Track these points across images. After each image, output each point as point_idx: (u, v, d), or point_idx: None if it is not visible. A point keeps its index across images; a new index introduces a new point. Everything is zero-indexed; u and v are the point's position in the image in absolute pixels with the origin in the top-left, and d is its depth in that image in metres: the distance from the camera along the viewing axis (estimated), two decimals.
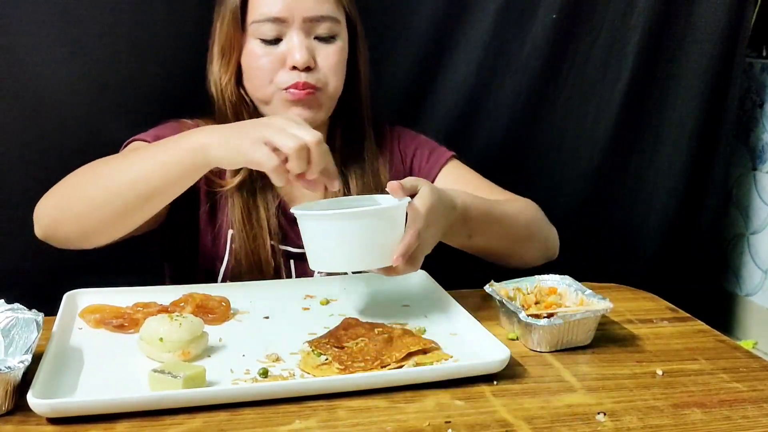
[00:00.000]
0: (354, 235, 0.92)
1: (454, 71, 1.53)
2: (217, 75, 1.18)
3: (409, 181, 0.98)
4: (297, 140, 0.90)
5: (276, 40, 1.14)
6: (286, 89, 1.14)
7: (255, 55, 1.15)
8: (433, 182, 1.21)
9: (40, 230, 1.07)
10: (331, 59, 1.16)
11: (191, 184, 1.01)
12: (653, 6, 1.54)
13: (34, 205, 1.31)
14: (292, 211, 0.98)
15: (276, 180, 0.92)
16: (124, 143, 1.17)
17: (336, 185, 0.97)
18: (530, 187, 1.61)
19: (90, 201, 1.02)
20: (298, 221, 0.97)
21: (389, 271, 0.96)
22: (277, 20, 1.13)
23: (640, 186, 1.68)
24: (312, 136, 0.91)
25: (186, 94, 1.28)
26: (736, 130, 1.81)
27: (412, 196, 0.97)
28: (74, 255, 1.35)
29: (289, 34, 1.13)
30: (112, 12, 1.26)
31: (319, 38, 1.15)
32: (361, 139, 1.25)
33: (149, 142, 1.14)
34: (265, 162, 0.91)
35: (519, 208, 1.22)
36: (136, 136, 1.17)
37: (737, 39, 1.62)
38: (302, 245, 1.16)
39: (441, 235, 1.03)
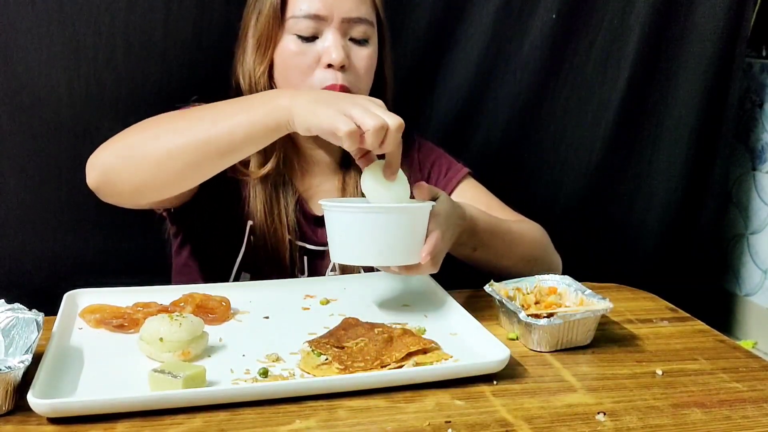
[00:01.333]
0: (381, 229, 0.94)
1: (453, 70, 1.53)
2: (251, 67, 1.17)
3: (429, 187, 1.02)
4: (379, 119, 0.91)
5: (312, 38, 1.13)
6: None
7: (290, 51, 1.14)
8: None
9: (94, 179, 1.04)
10: (363, 62, 1.16)
11: (268, 144, 1.01)
12: (652, 6, 1.54)
13: (31, 205, 1.32)
14: (320, 202, 0.99)
15: (347, 144, 0.91)
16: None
17: (394, 178, 0.97)
18: (529, 186, 1.62)
19: (164, 151, 0.99)
20: (324, 213, 0.98)
21: (410, 269, 0.97)
22: (316, 18, 1.12)
23: (640, 186, 1.68)
24: (394, 120, 0.92)
25: (182, 94, 1.28)
26: (736, 130, 1.81)
27: (432, 201, 1.00)
28: (74, 255, 1.36)
29: (326, 33, 1.13)
30: (107, 11, 1.25)
31: (353, 40, 1.15)
32: None
33: None
34: (342, 127, 0.90)
35: (525, 230, 1.23)
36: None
37: (737, 39, 1.62)
38: (317, 243, 1.19)
39: (452, 241, 1.05)
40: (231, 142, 0.98)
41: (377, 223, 0.94)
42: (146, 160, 1.00)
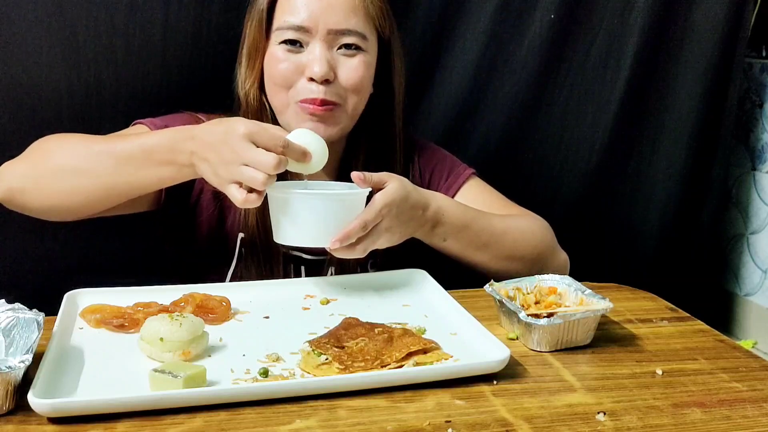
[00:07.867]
0: (302, 213, 0.99)
1: (452, 71, 1.53)
2: (243, 78, 1.17)
3: (377, 175, 1.02)
4: (261, 171, 0.93)
5: (298, 49, 1.12)
6: (301, 102, 1.12)
7: (276, 61, 1.13)
8: None
9: (0, 192, 1.08)
10: (352, 75, 1.13)
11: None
12: (652, 6, 1.54)
13: None
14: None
15: (252, 202, 0.96)
16: (131, 124, 1.17)
17: (309, 159, 0.99)
18: (529, 186, 1.62)
19: (68, 187, 1.04)
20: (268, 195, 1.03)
21: (338, 252, 1.00)
22: (301, 29, 1.11)
23: (640, 186, 1.68)
24: (266, 164, 0.92)
25: (181, 95, 1.28)
26: (736, 130, 1.81)
27: (380, 189, 1.01)
28: (74, 255, 1.36)
29: (312, 45, 1.11)
30: (107, 11, 1.25)
31: (343, 52, 1.13)
32: (392, 160, 1.23)
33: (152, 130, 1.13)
34: (238, 197, 0.95)
35: (513, 228, 1.19)
36: (143, 120, 1.16)
37: (737, 39, 1.62)
38: (315, 252, 1.19)
39: (404, 231, 1.05)
40: (139, 188, 1.05)
41: (297, 207, 0.99)
42: (51, 191, 1.05)
